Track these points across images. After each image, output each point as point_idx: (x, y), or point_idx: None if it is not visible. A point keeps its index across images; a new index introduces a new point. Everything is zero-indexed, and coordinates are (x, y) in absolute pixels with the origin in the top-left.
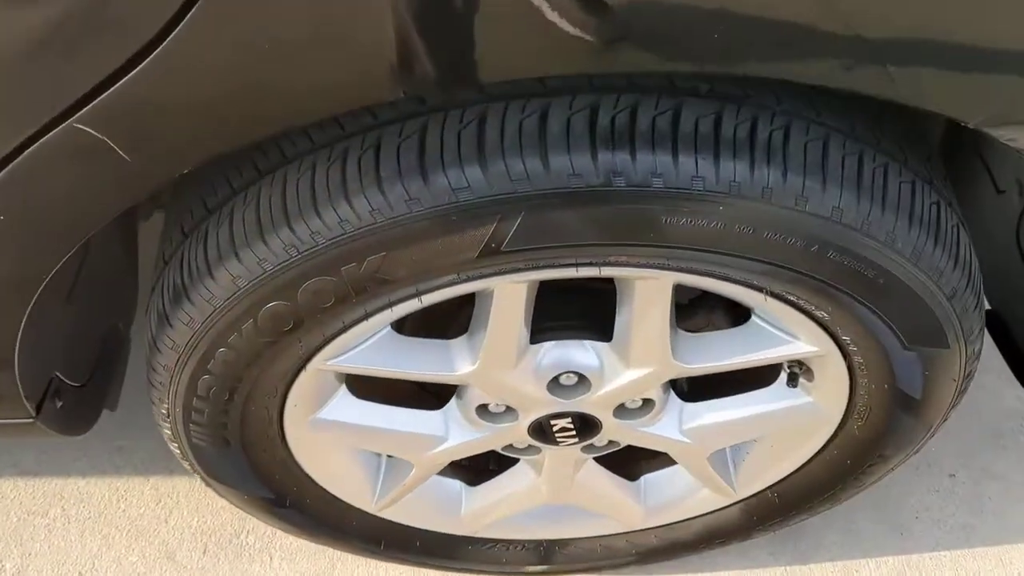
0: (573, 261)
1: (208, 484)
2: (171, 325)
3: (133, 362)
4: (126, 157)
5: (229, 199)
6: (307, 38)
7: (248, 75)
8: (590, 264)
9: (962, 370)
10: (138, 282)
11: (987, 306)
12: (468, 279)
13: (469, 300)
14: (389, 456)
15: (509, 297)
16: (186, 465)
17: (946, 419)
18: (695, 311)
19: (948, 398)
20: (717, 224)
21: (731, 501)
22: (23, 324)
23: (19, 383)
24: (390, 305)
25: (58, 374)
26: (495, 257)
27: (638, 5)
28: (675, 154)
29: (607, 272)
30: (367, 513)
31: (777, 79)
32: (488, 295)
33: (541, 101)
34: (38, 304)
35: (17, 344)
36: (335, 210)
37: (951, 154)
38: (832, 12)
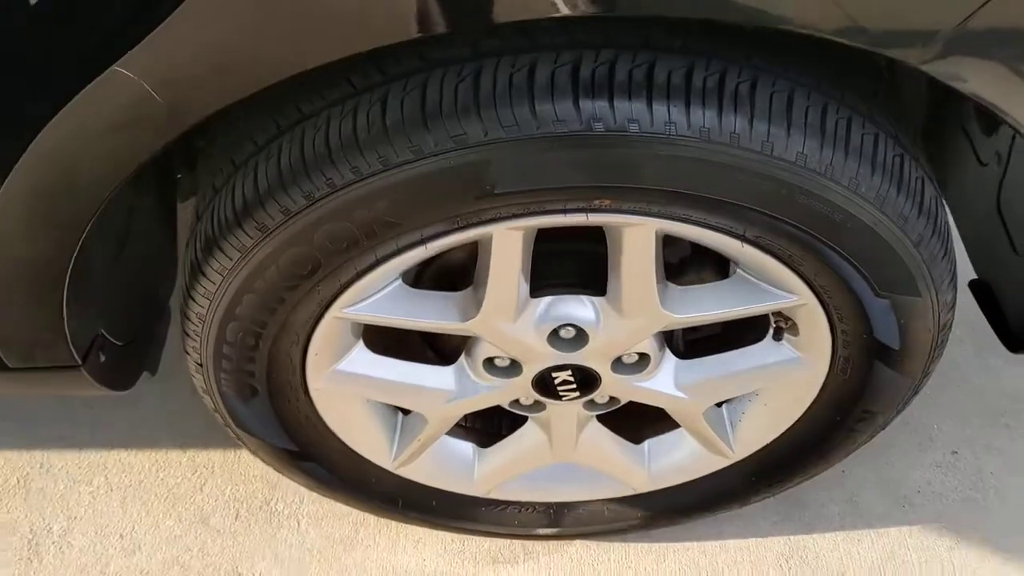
0: (562, 206)
1: (237, 436)
2: (203, 274)
3: (173, 347)
4: (158, 99)
5: (253, 155)
6: None
7: (266, 17)
8: (578, 210)
9: (936, 320)
10: (177, 258)
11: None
12: (467, 225)
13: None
14: (405, 414)
15: (507, 244)
16: (218, 418)
17: (928, 375)
18: (685, 269)
19: (926, 350)
20: (690, 167)
21: (730, 462)
22: (71, 267)
23: (67, 329)
24: (398, 252)
25: (103, 331)
26: (490, 200)
27: None
28: (649, 102)
29: (594, 219)
30: (386, 470)
31: (748, 35)
32: (488, 245)
33: (529, 56)
34: (84, 252)
35: (65, 288)
36: (347, 159)
37: (936, 130)
38: None
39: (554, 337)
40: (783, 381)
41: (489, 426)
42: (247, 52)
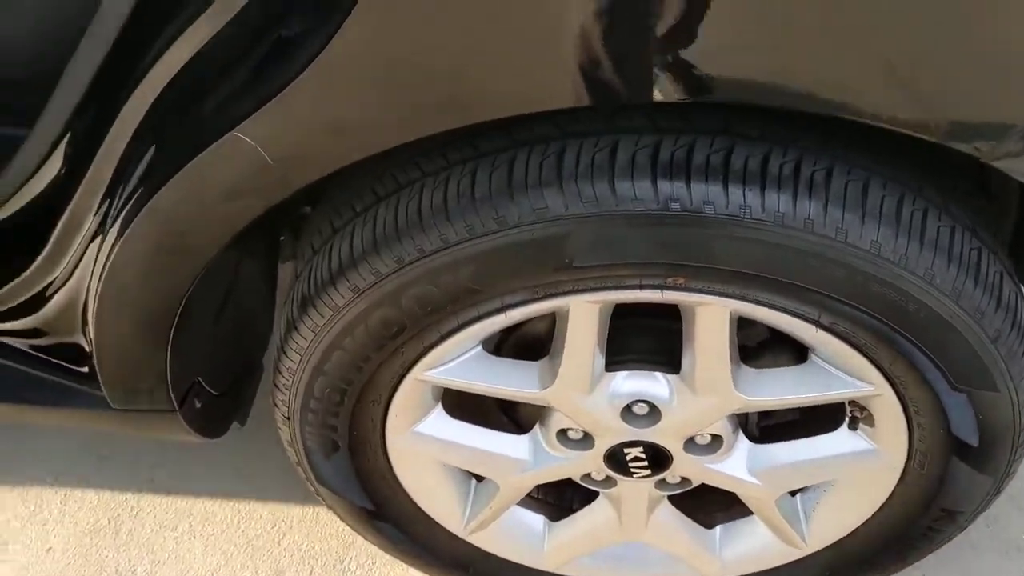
0: (637, 282)
1: (317, 491)
2: (297, 330)
3: (262, 401)
4: (271, 162)
5: (351, 220)
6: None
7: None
8: (653, 287)
9: (1017, 418)
10: (274, 318)
11: None
12: (545, 296)
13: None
14: (479, 480)
15: (583, 317)
16: (299, 472)
17: (1010, 475)
18: (762, 353)
19: (1007, 448)
20: (764, 250)
21: (803, 554)
22: (178, 316)
23: (169, 375)
24: (479, 318)
25: (200, 379)
26: (568, 272)
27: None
28: (725, 185)
29: (669, 296)
30: (457, 537)
31: (826, 125)
32: (566, 316)
33: (611, 138)
34: (191, 303)
35: (171, 335)
36: (436, 227)
37: None
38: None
39: (627, 412)
40: (858, 472)
41: (561, 500)
42: (361, 121)
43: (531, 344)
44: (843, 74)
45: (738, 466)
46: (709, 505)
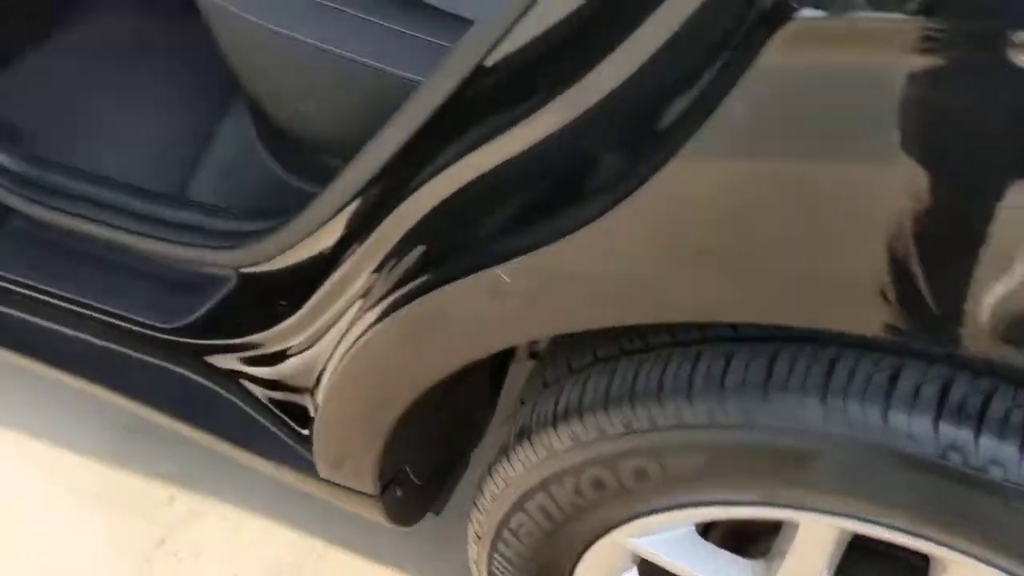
0: (887, 522)
1: None
2: (508, 459)
3: (460, 490)
4: (526, 309)
5: (589, 367)
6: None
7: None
8: (903, 531)
9: None
10: (493, 416)
11: None
12: (774, 504)
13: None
14: None
15: (813, 536)
16: None
17: None
18: None
19: None
20: None
21: None
22: (401, 413)
23: (379, 460)
24: (698, 504)
25: (407, 467)
26: (804, 490)
27: None
28: (1023, 450)
29: (921, 546)
30: None
31: None
32: (794, 527)
33: (895, 360)
34: (416, 404)
35: (390, 428)
36: (675, 403)
37: None
38: None
39: None
40: None
41: None
42: (635, 293)
43: (748, 532)
44: None
45: None
46: None
